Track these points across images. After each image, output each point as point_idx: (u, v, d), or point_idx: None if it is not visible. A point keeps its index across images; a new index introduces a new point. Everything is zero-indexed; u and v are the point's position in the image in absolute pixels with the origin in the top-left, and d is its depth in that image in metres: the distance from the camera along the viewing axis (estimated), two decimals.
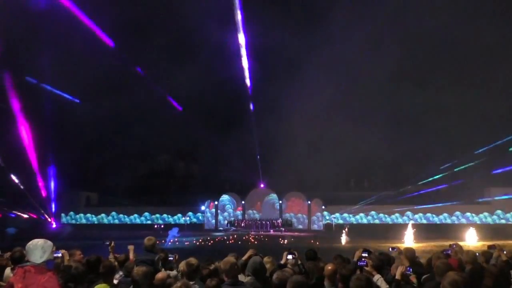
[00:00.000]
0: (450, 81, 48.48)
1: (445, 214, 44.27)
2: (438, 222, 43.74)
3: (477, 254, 6.29)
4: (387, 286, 4.64)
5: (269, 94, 53.99)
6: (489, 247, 7.15)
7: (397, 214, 45.03)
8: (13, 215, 44.16)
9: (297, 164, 46.06)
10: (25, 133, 40.38)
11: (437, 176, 43.30)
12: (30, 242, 3.83)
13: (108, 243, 7.00)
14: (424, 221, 43.82)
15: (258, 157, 48.52)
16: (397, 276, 4.80)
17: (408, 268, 4.94)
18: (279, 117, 49.69)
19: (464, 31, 43.08)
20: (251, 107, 48.60)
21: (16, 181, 42.73)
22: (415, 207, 44.74)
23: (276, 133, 49.39)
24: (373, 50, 50.03)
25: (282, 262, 5.69)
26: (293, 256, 5.59)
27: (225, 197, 48.13)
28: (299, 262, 5.48)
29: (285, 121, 48.43)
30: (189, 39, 53.67)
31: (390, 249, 6.50)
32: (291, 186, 47.32)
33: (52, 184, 46.87)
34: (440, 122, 49.67)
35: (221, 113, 58.94)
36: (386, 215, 45.23)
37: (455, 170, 41.69)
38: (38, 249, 3.74)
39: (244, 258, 5.69)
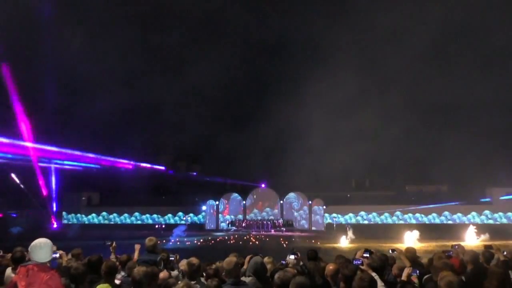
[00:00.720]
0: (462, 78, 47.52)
1: (446, 213, 44.18)
2: (439, 222, 43.65)
3: (479, 254, 6.26)
4: (382, 284, 4.64)
5: (274, 93, 53.95)
6: (486, 247, 7.12)
7: (398, 214, 44.93)
8: (15, 215, 44.22)
9: (298, 164, 46.09)
10: (25, 131, 40.29)
11: (439, 177, 43.30)
12: (37, 241, 3.87)
13: (109, 243, 7.00)
14: (426, 221, 43.75)
15: (260, 157, 48.54)
16: (403, 278, 4.81)
17: (414, 270, 4.95)
18: (281, 117, 49.77)
19: (500, 22, 42.07)
20: None
21: (17, 180, 42.80)
22: (416, 207, 44.66)
23: (278, 134, 49.51)
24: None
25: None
26: (296, 256, 5.59)
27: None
28: (301, 263, 5.47)
29: (287, 122, 48.54)
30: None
31: (390, 251, 6.49)
32: (292, 186, 47.27)
33: (54, 184, 46.97)
34: (444, 122, 49.67)
35: (223, 113, 59.10)
36: (387, 215, 45.16)
37: (456, 170, 41.65)
38: (46, 248, 3.80)
39: (245, 266, 5.67)
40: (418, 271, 5.04)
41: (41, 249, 3.80)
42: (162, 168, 51.48)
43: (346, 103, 47.32)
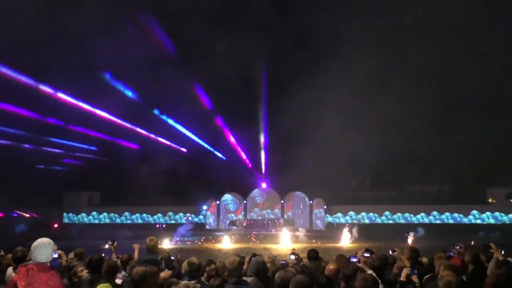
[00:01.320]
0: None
1: (447, 214, 44.17)
2: (440, 222, 43.65)
3: (480, 254, 6.26)
4: (380, 282, 4.65)
5: (277, 92, 53.49)
6: (484, 246, 7.11)
7: (399, 214, 44.93)
8: (16, 215, 44.28)
9: (299, 163, 45.91)
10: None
11: (440, 176, 43.28)
12: (40, 241, 3.87)
13: (110, 243, 7.02)
14: (427, 221, 43.75)
15: (261, 156, 48.52)
16: (402, 278, 4.81)
17: (412, 270, 4.95)
18: (283, 117, 49.62)
19: None
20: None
21: (19, 180, 42.81)
22: (418, 207, 44.66)
23: (279, 133, 49.40)
24: None
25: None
26: (296, 257, 5.60)
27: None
28: (302, 263, 5.47)
29: (289, 121, 48.39)
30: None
31: (390, 251, 6.49)
32: (293, 186, 47.27)
33: (55, 183, 46.94)
34: (445, 122, 49.50)
35: (224, 112, 58.80)
36: (388, 215, 45.16)
37: (457, 170, 41.62)
38: (48, 248, 3.81)
39: (245, 267, 5.68)
40: (416, 271, 5.05)
41: (44, 248, 3.81)
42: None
43: (350, 103, 47.17)
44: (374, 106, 48.43)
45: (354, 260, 4.93)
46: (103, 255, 6.06)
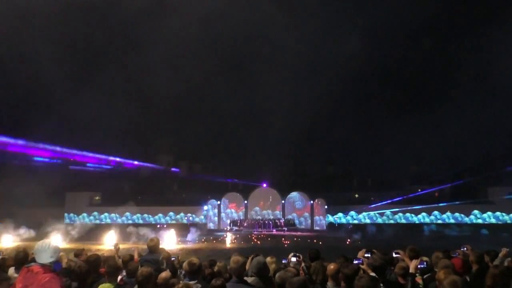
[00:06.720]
0: None
1: (448, 213, 44.09)
2: (441, 222, 43.58)
3: (484, 254, 6.26)
4: (382, 285, 4.65)
5: (276, 90, 53.52)
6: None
7: (400, 214, 44.86)
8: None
9: (300, 163, 45.97)
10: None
11: (441, 176, 43.22)
12: (41, 242, 3.89)
13: (113, 244, 7.06)
14: (427, 221, 43.69)
15: (261, 156, 48.53)
16: (411, 270, 4.85)
17: (422, 262, 4.99)
18: (283, 115, 49.69)
19: None
20: None
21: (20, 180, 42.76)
22: (419, 207, 44.59)
23: (280, 132, 49.45)
24: None
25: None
26: (297, 258, 5.61)
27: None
28: (303, 264, 5.46)
29: (289, 120, 48.48)
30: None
31: (394, 253, 6.48)
32: (294, 186, 47.24)
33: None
34: (444, 121, 49.48)
35: (223, 111, 58.97)
36: (389, 215, 45.09)
37: (458, 169, 41.60)
38: (50, 250, 3.80)
39: (247, 267, 5.69)
40: (425, 263, 5.08)
41: (48, 251, 3.82)
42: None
43: (347, 103, 47.13)
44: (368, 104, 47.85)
45: (358, 262, 4.96)
46: (100, 254, 6.09)
